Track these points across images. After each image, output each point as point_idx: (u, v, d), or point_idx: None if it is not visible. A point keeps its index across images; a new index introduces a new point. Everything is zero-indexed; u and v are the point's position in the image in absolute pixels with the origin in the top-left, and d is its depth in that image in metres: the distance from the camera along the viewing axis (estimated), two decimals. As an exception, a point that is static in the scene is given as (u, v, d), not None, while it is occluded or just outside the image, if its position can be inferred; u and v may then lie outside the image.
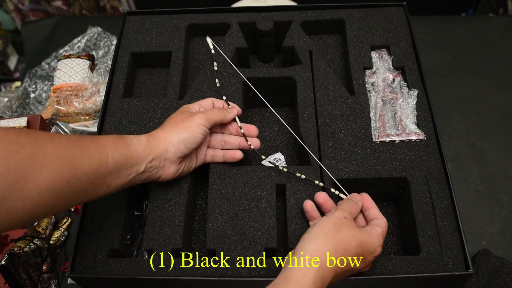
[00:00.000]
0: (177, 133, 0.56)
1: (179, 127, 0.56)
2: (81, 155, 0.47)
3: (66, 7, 1.61)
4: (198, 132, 0.56)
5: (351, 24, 0.77)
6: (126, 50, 0.77)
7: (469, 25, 1.03)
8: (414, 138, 0.65)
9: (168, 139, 0.55)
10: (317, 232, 0.49)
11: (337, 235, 0.48)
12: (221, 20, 0.78)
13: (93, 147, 0.49)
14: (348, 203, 0.54)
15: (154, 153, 0.54)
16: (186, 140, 0.56)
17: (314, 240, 0.48)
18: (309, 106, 0.69)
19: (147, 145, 0.54)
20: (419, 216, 0.59)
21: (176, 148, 0.55)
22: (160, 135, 0.56)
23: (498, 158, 0.82)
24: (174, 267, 0.56)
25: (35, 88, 0.98)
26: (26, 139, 0.43)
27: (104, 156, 0.49)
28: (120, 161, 0.51)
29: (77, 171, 0.46)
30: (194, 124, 0.56)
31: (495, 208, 0.77)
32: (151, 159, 0.54)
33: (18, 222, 0.43)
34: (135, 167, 0.53)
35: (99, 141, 0.50)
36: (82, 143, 0.48)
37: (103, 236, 0.60)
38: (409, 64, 0.73)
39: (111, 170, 0.50)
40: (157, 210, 0.61)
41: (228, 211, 0.60)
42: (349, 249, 0.48)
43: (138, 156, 0.53)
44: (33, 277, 0.67)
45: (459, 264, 0.56)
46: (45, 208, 0.44)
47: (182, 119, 0.57)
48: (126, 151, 0.52)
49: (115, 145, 0.51)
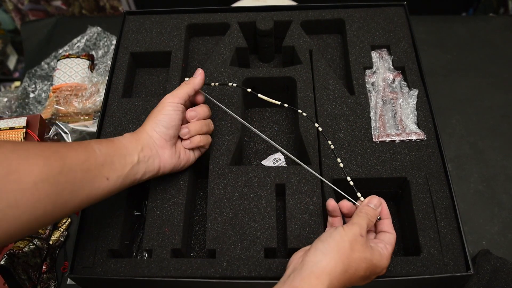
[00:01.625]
0: (153, 119, 0.58)
1: (153, 113, 0.58)
2: (65, 150, 0.48)
3: (65, 7, 1.61)
4: (170, 110, 0.58)
5: (351, 24, 0.77)
6: (125, 50, 0.77)
7: (469, 25, 1.03)
8: (414, 138, 0.65)
9: (148, 127, 0.57)
10: (332, 247, 0.47)
11: (350, 256, 0.47)
12: (221, 20, 0.78)
13: (76, 144, 0.51)
14: (367, 215, 0.52)
15: (141, 143, 0.56)
16: (162, 121, 0.57)
17: (327, 255, 0.47)
18: (309, 106, 0.68)
19: (131, 138, 0.56)
20: (420, 216, 0.59)
21: (158, 132, 0.57)
22: (141, 128, 0.58)
23: (498, 158, 0.82)
24: (174, 267, 0.56)
25: (35, 88, 0.98)
26: (3, 141, 0.45)
27: (90, 149, 0.50)
28: (109, 153, 0.52)
29: (66, 161, 0.47)
30: (164, 104, 0.58)
31: (495, 208, 0.77)
32: (140, 149, 0.55)
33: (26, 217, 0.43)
34: (127, 157, 0.54)
35: (83, 141, 0.52)
36: (64, 143, 0.51)
37: (103, 237, 0.59)
38: (409, 64, 0.72)
39: (104, 162, 0.51)
40: (156, 210, 0.61)
41: (227, 211, 0.60)
42: (359, 270, 0.48)
43: (126, 147, 0.54)
44: (32, 277, 0.67)
45: (459, 265, 0.56)
46: (48, 200, 0.44)
47: (155, 108, 0.59)
48: (112, 144, 0.53)
49: (99, 141, 0.53)
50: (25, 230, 0.44)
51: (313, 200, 0.60)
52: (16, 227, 0.43)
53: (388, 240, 0.52)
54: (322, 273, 0.45)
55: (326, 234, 0.49)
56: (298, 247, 0.56)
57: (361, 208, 0.53)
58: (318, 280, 0.45)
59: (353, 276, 0.47)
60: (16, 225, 0.42)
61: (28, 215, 0.43)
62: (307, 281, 0.45)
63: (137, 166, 0.54)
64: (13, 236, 0.43)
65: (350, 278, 0.47)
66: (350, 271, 0.47)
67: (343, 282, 0.47)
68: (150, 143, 0.56)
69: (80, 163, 0.48)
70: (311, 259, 0.47)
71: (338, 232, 0.49)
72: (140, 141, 0.56)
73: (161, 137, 0.57)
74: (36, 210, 0.44)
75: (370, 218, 0.51)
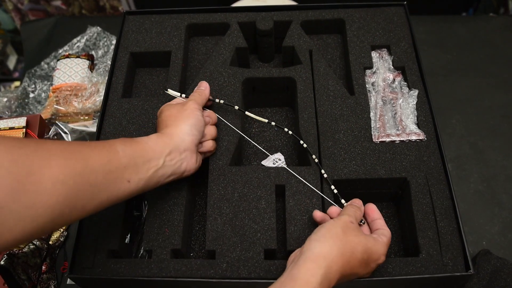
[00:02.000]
0: (185, 122, 0.57)
1: (182, 117, 0.58)
2: (88, 150, 0.47)
3: (65, 7, 1.61)
4: (199, 115, 0.59)
5: (351, 24, 0.77)
6: (125, 50, 0.76)
7: (469, 25, 1.03)
8: (414, 138, 0.65)
9: (180, 130, 0.56)
10: (324, 233, 0.49)
11: (343, 239, 0.48)
12: (220, 19, 0.78)
13: (100, 144, 0.49)
14: (352, 208, 0.55)
15: (170, 146, 0.55)
16: (195, 125, 0.57)
17: (322, 241, 0.48)
18: (309, 106, 0.68)
19: (158, 140, 0.55)
20: (419, 217, 0.59)
21: (191, 135, 0.57)
22: (169, 130, 0.57)
23: (498, 158, 0.82)
24: (174, 268, 0.56)
25: (35, 88, 0.98)
26: (27, 140, 0.44)
27: (114, 150, 0.49)
28: (133, 155, 0.51)
29: (88, 163, 0.46)
30: (192, 108, 0.59)
31: (495, 209, 0.77)
32: (168, 152, 0.54)
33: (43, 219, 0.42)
34: (152, 161, 0.52)
35: (105, 140, 0.51)
36: (86, 143, 0.49)
37: (103, 237, 0.59)
38: (409, 64, 0.72)
39: (127, 164, 0.50)
40: (156, 210, 0.61)
41: (227, 212, 0.60)
42: (355, 253, 0.48)
43: (153, 150, 0.53)
44: (32, 277, 0.67)
45: (459, 265, 0.56)
46: (65, 202, 0.44)
47: (179, 110, 0.59)
48: (137, 146, 0.52)
49: (123, 141, 0.52)
50: (41, 231, 0.43)
51: (312, 202, 0.60)
52: (32, 228, 0.42)
53: (382, 233, 0.53)
54: (318, 257, 0.46)
55: (317, 228, 0.51)
56: (298, 248, 0.56)
57: (346, 206, 0.56)
58: (315, 263, 0.45)
59: (351, 260, 0.48)
60: (32, 226, 0.42)
61: (44, 217, 0.42)
62: (303, 266, 0.45)
63: (162, 169, 0.54)
64: (29, 237, 0.42)
65: (348, 262, 0.47)
66: (347, 253, 0.47)
67: (342, 266, 0.47)
68: (181, 147, 0.56)
69: (102, 165, 0.47)
70: (306, 247, 0.48)
71: (329, 222, 0.51)
72: (169, 144, 0.55)
73: (193, 141, 0.57)
74: (53, 212, 0.43)
75: (356, 210, 0.54)
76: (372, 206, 0.57)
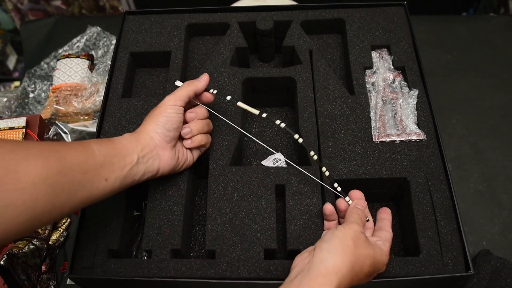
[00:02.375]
0: (153, 120, 0.57)
1: (154, 115, 0.58)
2: (64, 149, 0.48)
3: (65, 7, 1.61)
4: (172, 112, 0.58)
5: (351, 23, 0.77)
6: (125, 50, 0.76)
7: (469, 25, 1.03)
8: (415, 138, 0.65)
9: (149, 128, 0.57)
10: (337, 245, 0.48)
11: (355, 253, 0.48)
12: (220, 19, 0.78)
13: (76, 144, 0.51)
14: (358, 213, 0.54)
15: (141, 143, 0.56)
16: (164, 123, 0.57)
17: (335, 254, 0.47)
18: (309, 106, 0.68)
19: (131, 138, 0.56)
20: (419, 217, 0.59)
21: (159, 133, 0.57)
22: (141, 128, 0.58)
23: (498, 158, 0.82)
24: (173, 268, 0.56)
25: (34, 88, 0.98)
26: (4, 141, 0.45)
27: (90, 149, 0.50)
28: (109, 154, 0.52)
29: (65, 162, 0.47)
30: (165, 106, 0.58)
31: (496, 209, 0.77)
32: (140, 149, 0.55)
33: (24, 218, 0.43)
34: (127, 158, 0.53)
35: (80, 141, 0.52)
36: (63, 143, 0.50)
37: (102, 237, 0.59)
38: (409, 64, 0.72)
39: (103, 163, 0.50)
40: (156, 210, 0.60)
41: (227, 212, 0.60)
42: (364, 267, 0.48)
43: (126, 147, 0.54)
44: (32, 277, 0.67)
45: (459, 265, 0.56)
46: (45, 200, 0.44)
47: (155, 109, 0.59)
48: (111, 145, 0.53)
49: (98, 141, 0.53)
50: (23, 230, 0.44)
51: (313, 202, 0.60)
52: (13, 227, 0.42)
53: (385, 238, 0.54)
54: (330, 273, 0.45)
55: (328, 235, 0.50)
56: (298, 248, 0.56)
57: (351, 209, 0.55)
58: (326, 279, 0.45)
59: (359, 273, 0.48)
60: (13, 226, 0.42)
61: (26, 215, 0.43)
62: (314, 281, 0.45)
63: (137, 166, 0.54)
64: (11, 236, 0.43)
65: (357, 275, 0.48)
66: (357, 268, 0.47)
67: (351, 279, 0.47)
68: (150, 144, 0.56)
69: (79, 164, 0.48)
70: (317, 258, 0.47)
71: (340, 231, 0.50)
72: (140, 142, 0.56)
73: (162, 138, 0.57)
74: (34, 210, 0.44)
75: (361, 218, 0.54)
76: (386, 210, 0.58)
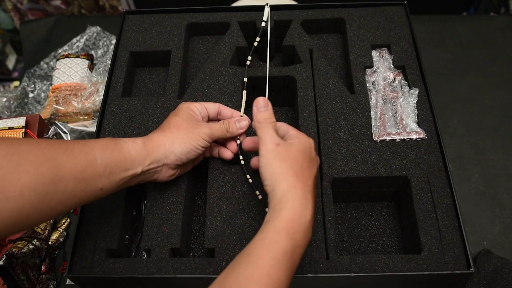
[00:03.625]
0: (180, 143, 0.55)
1: (182, 136, 0.55)
2: (63, 156, 0.46)
3: (65, 6, 1.61)
4: (200, 146, 0.56)
5: (351, 23, 0.76)
6: (125, 49, 0.76)
7: (470, 24, 1.02)
8: (415, 137, 0.65)
9: (169, 146, 0.54)
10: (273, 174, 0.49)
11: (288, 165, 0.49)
12: (221, 19, 0.78)
13: (78, 149, 0.48)
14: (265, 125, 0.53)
15: (151, 157, 0.53)
16: (188, 152, 0.55)
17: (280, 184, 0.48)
18: (309, 105, 0.68)
19: (143, 149, 0.53)
20: (420, 215, 0.59)
21: (177, 158, 0.55)
22: (160, 140, 0.55)
23: (500, 159, 0.82)
24: (172, 266, 0.56)
25: (34, 88, 0.98)
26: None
27: (92, 158, 0.48)
28: (111, 164, 0.49)
29: (60, 171, 0.45)
30: (198, 137, 0.56)
31: (496, 209, 0.76)
32: (148, 162, 0.53)
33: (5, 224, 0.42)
34: (130, 171, 0.51)
35: (86, 143, 0.49)
36: (65, 145, 0.47)
37: (101, 236, 0.59)
38: (410, 63, 0.72)
39: (102, 173, 0.49)
40: (155, 209, 0.60)
41: (227, 210, 0.60)
42: (302, 164, 0.49)
43: (133, 160, 0.52)
44: (31, 278, 0.67)
45: (460, 263, 0.55)
46: (32, 208, 0.43)
47: (187, 128, 0.56)
48: (118, 154, 0.51)
49: (105, 147, 0.50)
50: (3, 234, 0.43)
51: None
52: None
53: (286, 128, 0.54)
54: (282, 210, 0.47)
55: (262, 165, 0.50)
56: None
57: (255, 120, 0.54)
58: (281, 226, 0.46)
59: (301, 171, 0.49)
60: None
61: (7, 222, 0.42)
62: None
63: (136, 178, 0.53)
64: None
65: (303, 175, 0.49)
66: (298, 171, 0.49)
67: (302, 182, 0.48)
68: (161, 161, 0.54)
69: (75, 174, 0.46)
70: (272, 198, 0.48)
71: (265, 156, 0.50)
72: (151, 155, 0.53)
73: (176, 162, 0.56)
74: (19, 217, 0.42)
75: (270, 122, 0.53)
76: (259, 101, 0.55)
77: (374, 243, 0.65)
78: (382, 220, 0.67)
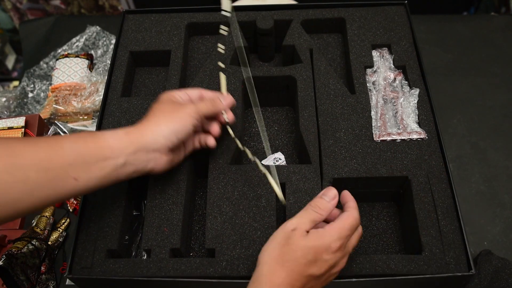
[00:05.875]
0: (168, 124, 0.53)
1: (169, 118, 0.54)
2: (22, 146, 0.46)
3: (64, 6, 1.61)
4: (189, 124, 0.54)
5: (352, 23, 0.76)
6: (125, 49, 0.76)
7: (471, 24, 1.02)
8: (416, 137, 0.65)
9: (157, 130, 0.53)
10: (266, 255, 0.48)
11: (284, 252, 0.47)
12: (221, 19, 0.78)
13: (43, 141, 0.48)
14: (309, 210, 0.50)
15: (135, 145, 0.52)
16: (178, 132, 0.54)
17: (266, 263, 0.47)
18: (309, 105, 0.68)
19: (124, 137, 0.52)
20: (421, 215, 0.59)
21: (167, 139, 0.53)
22: (144, 126, 0.53)
23: (500, 159, 0.82)
24: (173, 267, 0.56)
25: (33, 88, 0.97)
26: None
27: (58, 147, 0.47)
28: (83, 153, 0.49)
29: (16, 160, 0.44)
30: (185, 114, 0.54)
31: (497, 209, 0.76)
32: (131, 151, 0.51)
33: None
34: (109, 160, 0.50)
35: (56, 136, 0.49)
36: (27, 139, 0.48)
37: (101, 237, 0.59)
38: (410, 63, 0.72)
39: (72, 162, 0.48)
40: (155, 210, 0.60)
41: (227, 210, 0.59)
42: (298, 259, 0.47)
43: (111, 147, 0.50)
44: (31, 278, 0.67)
45: (461, 264, 0.55)
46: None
47: (172, 109, 0.55)
48: (92, 143, 0.50)
49: (77, 138, 0.50)
50: None
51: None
52: None
53: (340, 216, 0.50)
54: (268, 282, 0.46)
55: None
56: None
57: (312, 201, 0.51)
58: None
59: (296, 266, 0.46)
60: None
61: None
62: None
63: (123, 168, 0.51)
64: None
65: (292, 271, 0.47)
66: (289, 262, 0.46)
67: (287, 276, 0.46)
68: (150, 147, 0.52)
69: (36, 163, 0.45)
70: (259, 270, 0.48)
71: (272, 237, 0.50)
72: (135, 143, 0.52)
73: (167, 144, 0.53)
74: None
75: (317, 211, 0.50)
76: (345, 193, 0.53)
77: (374, 243, 0.65)
78: (383, 220, 0.67)
